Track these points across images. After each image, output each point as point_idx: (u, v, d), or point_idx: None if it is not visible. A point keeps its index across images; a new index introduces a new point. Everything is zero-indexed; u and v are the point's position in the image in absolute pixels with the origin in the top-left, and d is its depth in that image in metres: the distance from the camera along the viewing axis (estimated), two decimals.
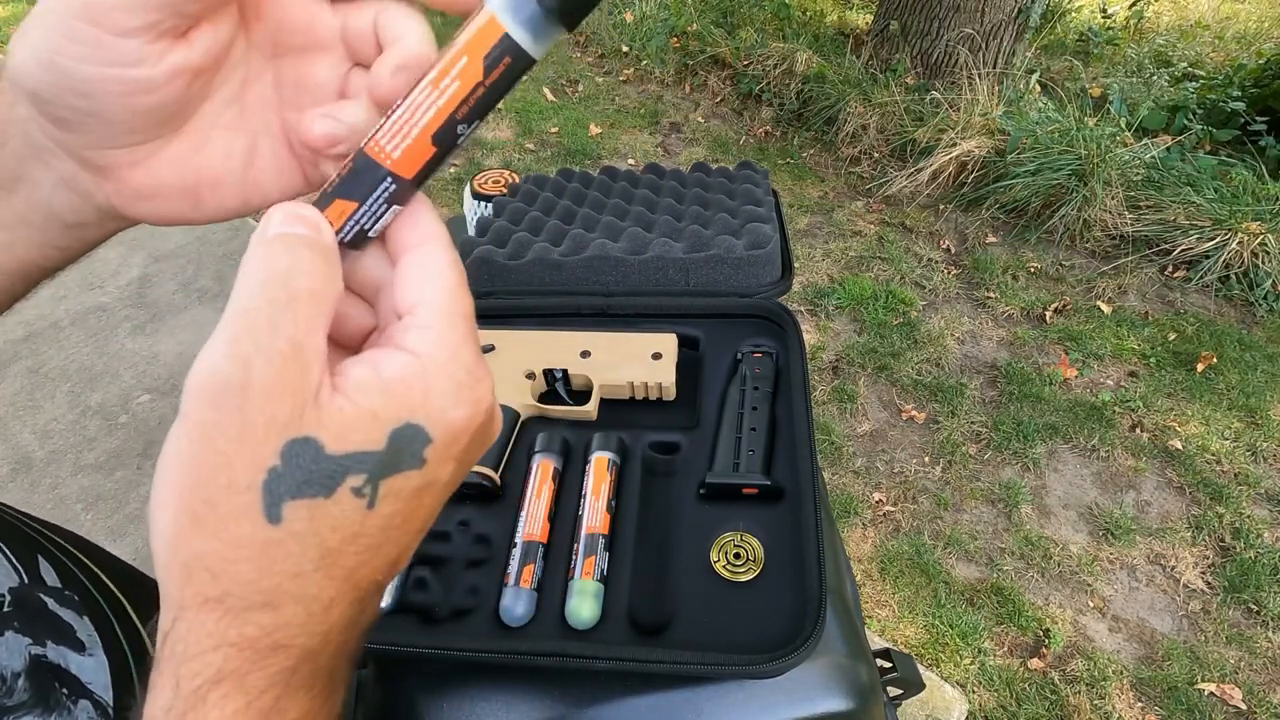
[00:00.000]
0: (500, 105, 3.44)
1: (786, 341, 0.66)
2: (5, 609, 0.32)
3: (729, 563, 0.51)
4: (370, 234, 0.25)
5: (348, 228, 0.25)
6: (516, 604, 0.49)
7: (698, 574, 0.51)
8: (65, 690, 0.32)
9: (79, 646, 0.34)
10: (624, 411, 0.63)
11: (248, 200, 0.27)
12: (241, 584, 0.20)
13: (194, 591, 0.20)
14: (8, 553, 0.35)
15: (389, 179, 0.24)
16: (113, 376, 2.06)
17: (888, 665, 0.66)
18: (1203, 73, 3.31)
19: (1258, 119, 2.83)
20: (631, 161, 3.07)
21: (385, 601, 0.49)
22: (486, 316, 0.71)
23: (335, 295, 0.22)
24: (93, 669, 0.34)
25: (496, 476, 0.56)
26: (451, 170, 2.95)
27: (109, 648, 0.35)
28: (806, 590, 0.48)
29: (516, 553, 0.52)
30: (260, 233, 0.23)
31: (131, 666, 0.36)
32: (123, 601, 0.40)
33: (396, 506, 0.22)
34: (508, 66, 0.24)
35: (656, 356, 0.64)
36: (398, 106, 0.24)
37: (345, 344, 0.26)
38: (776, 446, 0.58)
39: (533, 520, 0.53)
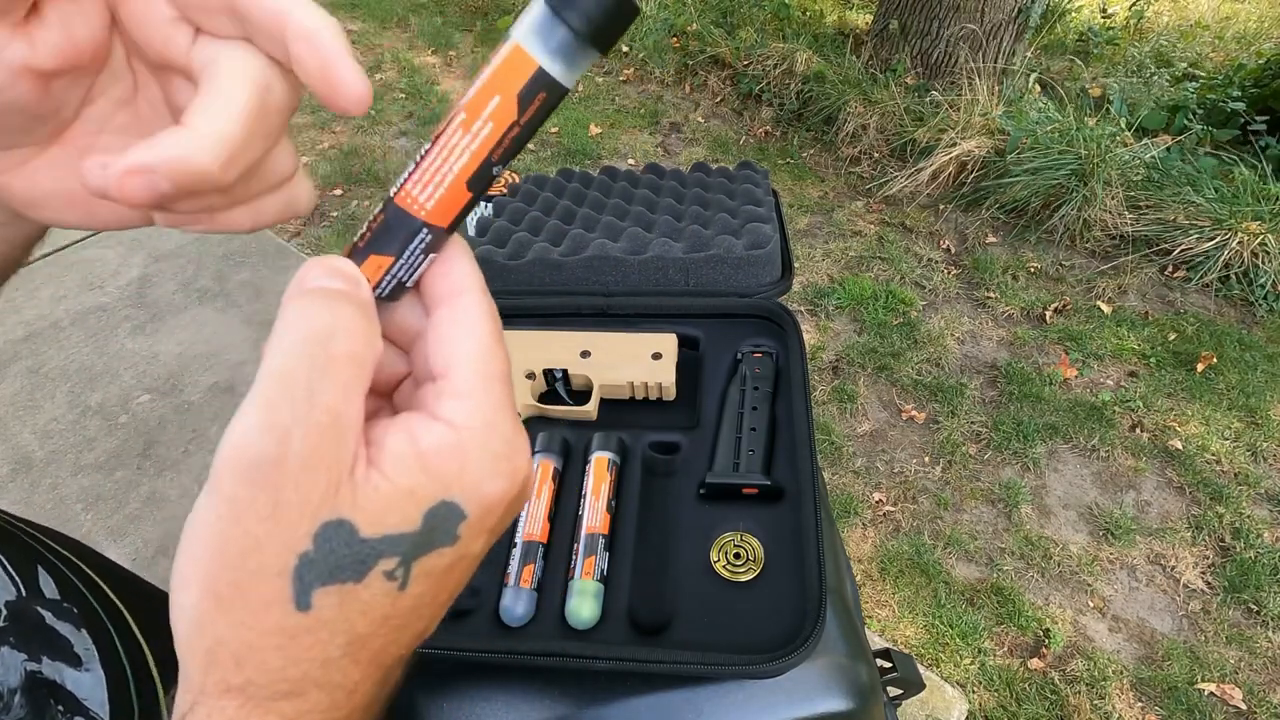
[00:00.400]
0: None
1: (786, 341, 0.66)
2: (1, 624, 0.31)
3: (729, 563, 0.51)
4: (407, 285, 0.24)
5: (385, 283, 0.24)
6: (516, 604, 0.48)
7: (698, 574, 0.51)
8: (61, 707, 0.31)
9: (75, 661, 0.34)
10: (624, 411, 0.63)
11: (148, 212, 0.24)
12: (266, 672, 0.19)
13: (217, 679, 0.19)
14: (6, 564, 0.34)
15: (424, 230, 0.23)
16: (113, 376, 2.06)
17: (888, 665, 0.66)
18: (1203, 73, 3.31)
19: (1258, 119, 2.83)
20: (631, 161, 3.07)
21: None
22: None
23: (374, 357, 0.21)
24: (89, 685, 0.33)
25: None
26: None
27: (107, 661, 0.35)
28: (806, 590, 0.48)
29: (516, 553, 0.52)
30: (296, 286, 0.22)
31: (130, 680, 0.36)
32: (122, 611, 0.39)
33: (427, 585, 0.21)
34: (543, 101, 0.22)
35: (656, 356, 0.64)
36: (426, 153, 0.23)
37: (377, 390, 0.25)
38: (776, 446, 0.58)
39: (532, 520, 0.53)
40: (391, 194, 0.23)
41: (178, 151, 0.19)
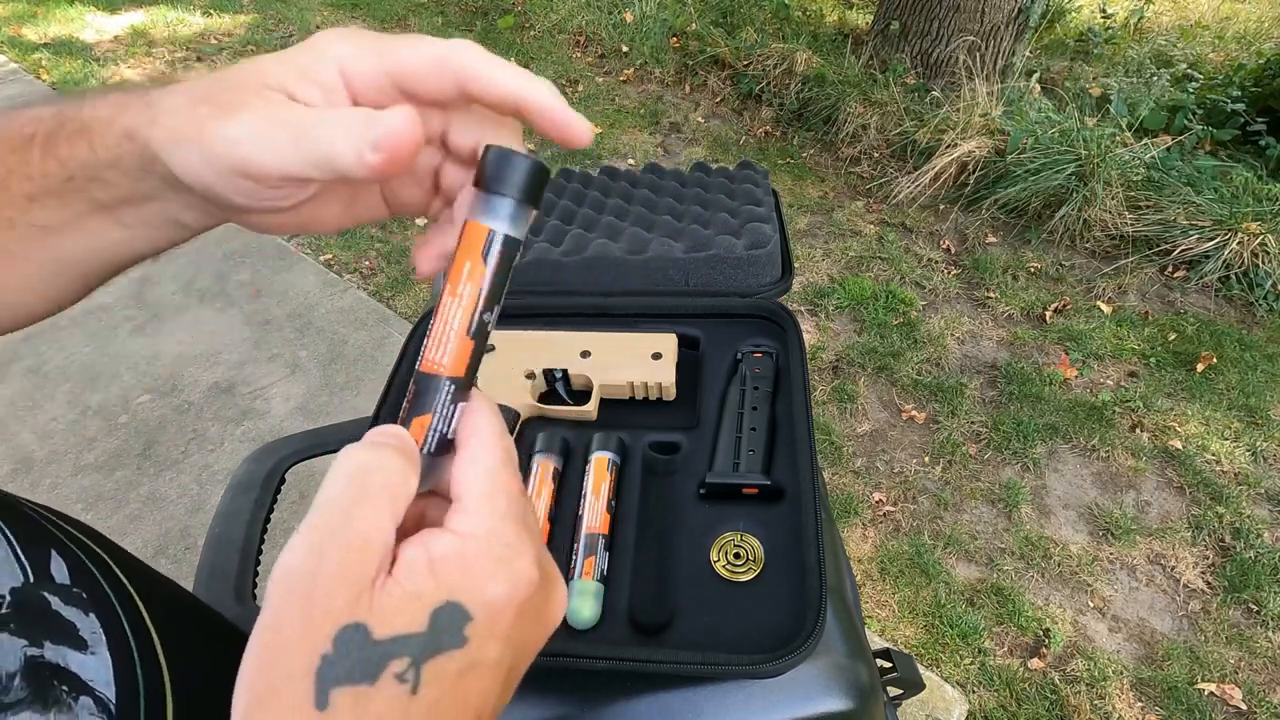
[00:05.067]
0: None
1: (786, 341, 0.65)
2: (3, 610, 0.32)
3: (729, 563, 0.51)
4: (449, 436, 0.28)
5: (430, 439, 0.28)
6: None
7: (698, 574, 0.51)
8: (65, 687, 0.32)
9: (81, 645, 0.34)
10: (624, 411, 0.63)
11: (344, 225, 0.33)
12: None
13: None
14: (17, 549, 0.35)
15: (448, 383, 0.28)
16: (113, 376, 2.06)
17: (888, 665, 0.66)
18: (1203, 73, 3.30)
19: (1258, 119, 2.83)
20: (631, 161, 3.07)
21: None
22: None
23: (408, 491, 0.24)
24: (94, 666, 0.34)
25: None
26: None
27: (114, 645, 0.35)
28: (806, 590, 0.48)
29: None
30: (354, 444, 0.25)
31: (137, 662, 0.36)
32: (133, 596, 0.39)
33: (442, 690, 0.22)
34: (502, 255, 0.28)
35: (656, 356, 0.64)
36: (431, 324, 0.28)
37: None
38: (776, 446, 0.58)
39: None
40: (418, 365, 0.28)
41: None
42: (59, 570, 0.36)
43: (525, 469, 0.58)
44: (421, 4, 4.22)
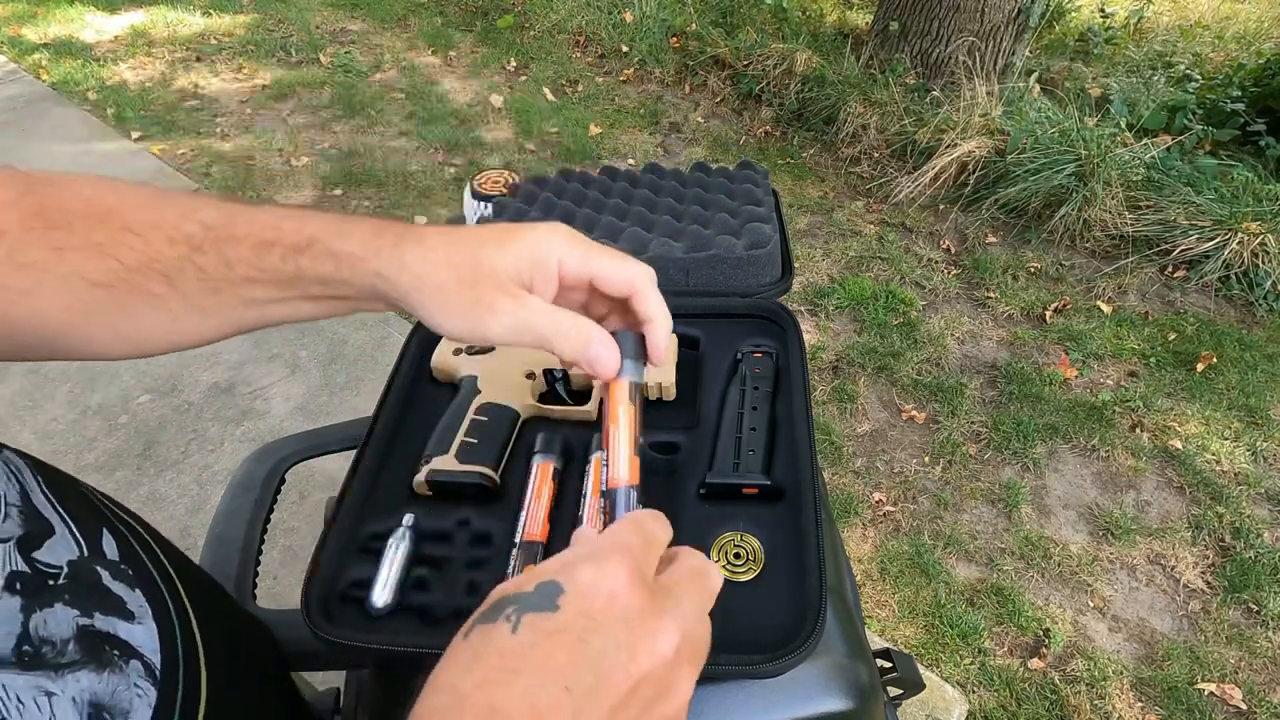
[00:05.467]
0: (500, 105, 3.41)
1: (786, 341, 0.65)
2: (60, 581, 0.34)
3: (729, 562, 0.51)
4: None
5: None
6: None
7: None
8: (116, 652, 0.35)
9: (129, 616, 0.37)
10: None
11: None
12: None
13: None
14: (72, 526, 0.37)
15: (630, 490, 0.39)
16: (113, 376, 2.06)
17: (888, 665, 0.66)
18: (1202, 73, 3.30)
19: (1257, 119, 2.83)
20: (631, 161, 3.07)
21: (385, 601, 0.49)
22: None
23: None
24: (142, 635, 0.37)
25: (496, 476, 0.56)
26: (452, 170, 2.95)
27: (159, 618, 0.38)
28: (806, 590, 0.48)
29: (516, 552, 0.52)
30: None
31: (178, 637, 0.39)
32: (173, 576, 0.42)
33: (534, 638, 0.28)
34: (636, 392, 0.40)
35: None
36: (605, 455, 0.40)
37: None
38: (776, 446, 0.58)
39: (533, 520, 0.53)
40: (604, 487, 0.39)
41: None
42: (109, 548, 0.39)
43: (525, 469, 0.58)
44: (421, 4, 4.22)
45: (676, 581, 0.33)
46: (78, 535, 0.37)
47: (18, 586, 0.32)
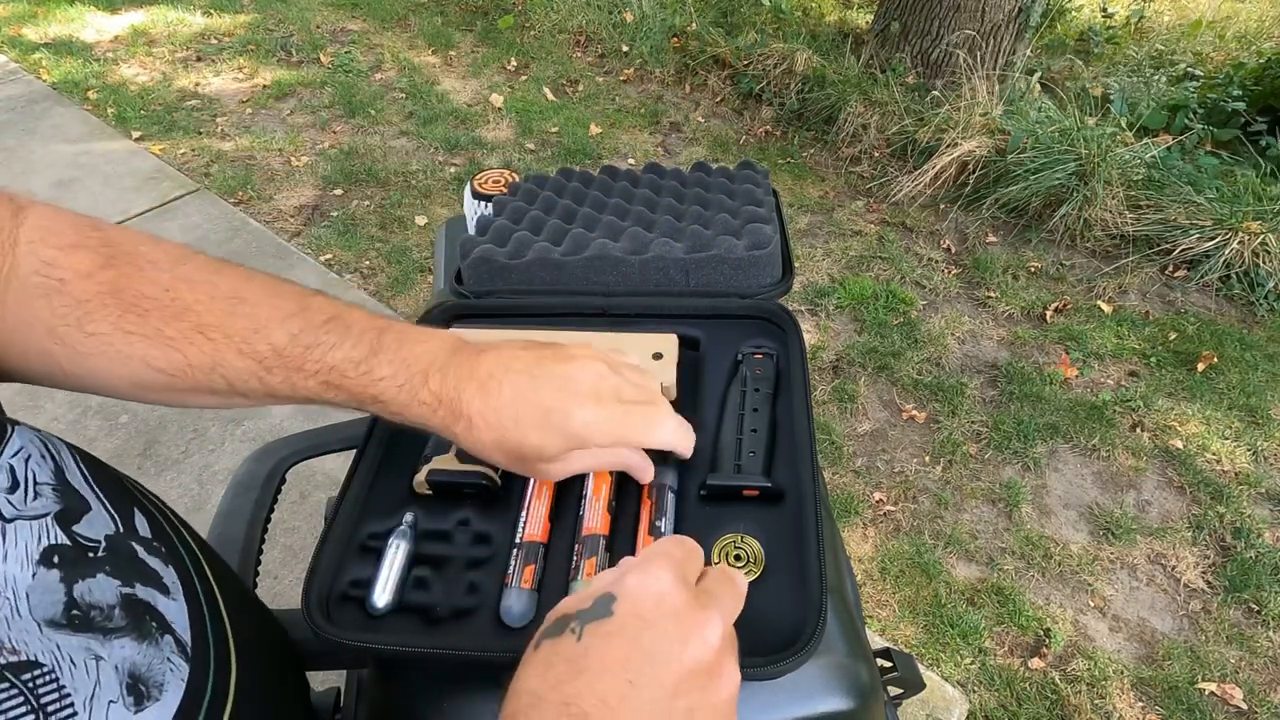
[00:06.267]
0: (501, 105, 3.41)
1: (787, 342, 0.65)
2: (100, 554, 0.35)
3: (729, 564, 0.51)
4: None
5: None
6: (517, 604, 0.48)
7: None
8: (154, 623, 0.35)
9: (164, 590, 0.37)
10: None
11: None
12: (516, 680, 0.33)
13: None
14: (107, 503, 0.38)
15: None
16: None
17: (888, 665, 0.66)
18: (1203, 72, 3.30)
19: (1258, 118, 2.83)
20: (632, 161, 3.07)
21: (386, 601, 0.49)
22: (487, 316, 0.71)
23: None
24: (175, 611, 0.37)
25: (496, 476, 0.56)
26: (452, 170, 2.95)
27: (188, 596, 0.39)
28: (807, 591, 0.48)
29: (517, 553, 0.52)
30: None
31: (206, 616, 0.40)
32: (199, 556, 0.43)
33: (594, 642, 0.32)
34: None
35: (657, 356, 0.64)
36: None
37: None
38: (777, 447, 0.58)
39: (533, 520, 0.53)
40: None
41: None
42: (141, 526, 0.40)
43: None
44: (421, 3, 4.22)
45: (715, 582, 0.37)
46: (112, 512, 0.38)
47: (55, 560, 0.33)
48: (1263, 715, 1.51)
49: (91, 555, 0.35)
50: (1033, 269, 2.55)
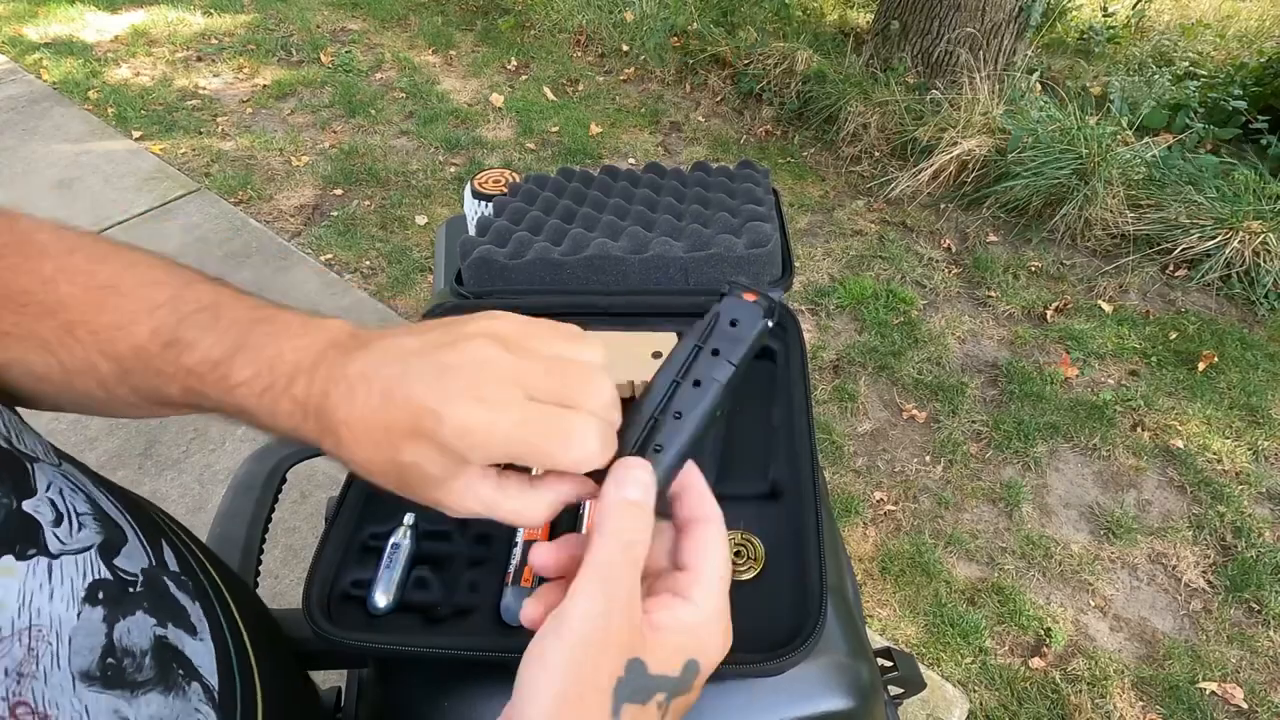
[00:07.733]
0: (501, 104, 3.41)
1: (787, 341, 0.65)
2: (138, 588, 0.34)
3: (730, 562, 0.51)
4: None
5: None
6: (517, 603, 0.49)
7: None
8: (181, 671, 0.34)
9: (192, 630, 0.36)
10: (624, 411, 0.63)
11: None
12: None
13: None
14: (140, 534, 0.37)
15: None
16: None
17: (889, 664, 0.66)
18: (1204, 71, 3.30)
19: (1259, 118, 2.83)
20: (632, 161, 3.07)
21: (386, 601, 0.49)
22: None
23: (646, 552, 0.32)
24: (202, 653, 0.36)
25: None
26: (452, 170, 2.95)
27: (214, 633, 0.38)
28: (807, 589, 0.48)
29: (517, 552, 0.52)
30: (618, 490, 0.32)
31: (232, 653, 0.38)
32: (222, 588, 0.42)
33: (674, 713, 0.30)
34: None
35: (657, 356, 0.64)
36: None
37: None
38: (777, 446, 0.58)
39: None
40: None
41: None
42: (170, 558, 0.38)
43: (525, 468, 0.58)
44: (422, 3, 4.22)
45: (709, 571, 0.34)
46: (145, 543, 0.37)
47: (100, 596, 0.31)
48: (1263, 714, 1.51)
49: (131, 590, 0.33)
50: (1033, 268, 2.55)
